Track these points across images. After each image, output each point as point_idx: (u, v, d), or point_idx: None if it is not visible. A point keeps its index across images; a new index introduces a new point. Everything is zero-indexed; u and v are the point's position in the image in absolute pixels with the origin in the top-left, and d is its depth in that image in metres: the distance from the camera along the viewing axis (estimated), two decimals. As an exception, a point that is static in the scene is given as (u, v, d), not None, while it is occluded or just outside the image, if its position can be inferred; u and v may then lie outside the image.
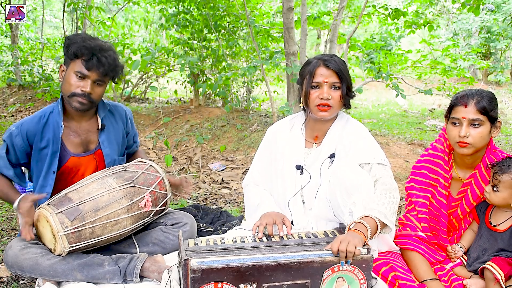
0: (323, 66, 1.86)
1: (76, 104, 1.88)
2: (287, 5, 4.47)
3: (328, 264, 1.55)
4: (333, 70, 1.85)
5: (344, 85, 1.87)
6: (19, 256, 1.74)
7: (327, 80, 1.85)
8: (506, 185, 1.75)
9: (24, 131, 1.91)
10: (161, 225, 2.07)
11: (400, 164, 3.98)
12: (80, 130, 2.00)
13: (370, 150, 1.90)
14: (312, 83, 1.87)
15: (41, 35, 8.40)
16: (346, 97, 1.89)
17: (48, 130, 1.93)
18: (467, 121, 1.75)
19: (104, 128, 2.03)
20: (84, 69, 1.85)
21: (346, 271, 1.56)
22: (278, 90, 7.96)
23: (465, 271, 1.85)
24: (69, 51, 1.87)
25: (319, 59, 1.89)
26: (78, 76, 1.87)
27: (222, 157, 4.59)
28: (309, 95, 1.88)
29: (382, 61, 6.93)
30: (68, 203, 1.73)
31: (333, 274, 1.55)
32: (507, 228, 1.80)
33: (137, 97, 8.39)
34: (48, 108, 1.98)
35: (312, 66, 1.88)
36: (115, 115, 2.11)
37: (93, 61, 1.84)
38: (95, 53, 1.85)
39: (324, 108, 1.87)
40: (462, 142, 1.76)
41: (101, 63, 1.86)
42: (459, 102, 1.78)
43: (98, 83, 1.91)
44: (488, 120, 1.75)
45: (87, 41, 1.86)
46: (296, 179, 1.97)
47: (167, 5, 6.17)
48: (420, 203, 1.91)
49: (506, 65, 12.18)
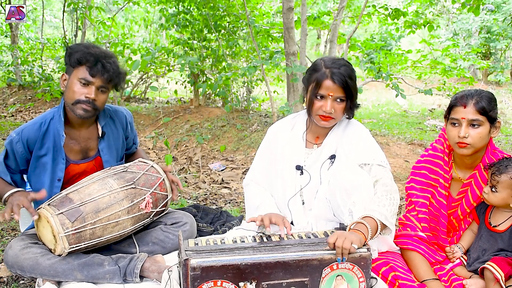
0: (330, 79, 1.82)
1: (80, 111, 1.87)
2: (287, 5, 4.47)
3: (327, 262, 1.55)
4: (340, 86, 1.82)
5: (348, 99, 1.87)
6: (19, 256, 1.74)
7: (332, 94, 1.83)
8: (504, 185, 1.75)
9: (25, 138, 1.90)
10: (161, 224, 2.07)
11: (400, 164, 3.98)
12: (80, 138, 1.99)
13: (370, 151, 1.90)
14: (317, 93, 1.85)
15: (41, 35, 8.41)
16: (349, 110, 1.90)
17: (48, 137, 1.92)
18: (466, 122, 1.75)
19: (104, 136, 2.03)
20: (89, 75, 1.85)
21: (345, 269, 1.57)
22: (278, 90, 7.97)
23: (465, 271, 1.85)
24: (72, 58, 1.86)
25: (328, 68, 1.84)
26: (82, 83, 1.86)
27: (222, 157, 4.59)
28: (313, 104, 1.88)
29: (382, 61, 6.93)
30: (69, 204, 1.73)
31: (332, 272, 1.56)
32: (507, 228, 1.80)
33: (137, 97, 8.39)
34: (48, 114, 1.96)
35: (320, 76, 1.84)
36: (115, 121, 2.11)
37: (97, 67, 1.84)
38: (100, 59, 1.85)
39: (326, 118, 1.87)
40: (462, 143, 1.76)
41: (105, 69, 1.86)
42: (458, 103, 1.77)
43: (102, 90, 1.90)
44: (487, 121, 1.75)
45: (91, 49, 1.88)
46: (296, 179, 1.98)
47: (167, 5, 6.17)
48: (420, 203, 1.91)
49: (506, 65, 12.18)
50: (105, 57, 1.88)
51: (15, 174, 1.96)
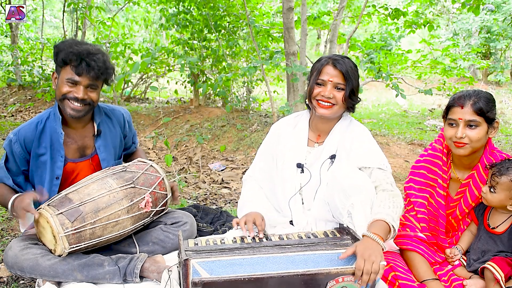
0: (331, 65, 1.88)
1: (70, 111, 1.87)
2: (287, 5, 4.47)
3: (333, 275, 1.53)
4: (340, 71, 1.86)
5: (348, 87, 1.87)
6: (19, 257, 1.74)
7: (332, 79, 1.86)
8: (504, 187, 1.74)
9: (22, 138, 1.90)
10: (161, 224, 2.07)
11: (400, 164, 3.98)
12: (76, 136, 1.99)
13: (372, 154, 1.89)
14: (318, 80, 1.89)
15: (41, 35, 8.40)
16: (349, 100, 1.89)
17: (45, 136, 1.92)
18: (463, 122, 1.75)
19: (100, 134, 2.03)
20: (75, 75, 1.83)
21: (351, 282, 1.54)
22: (278, 90, 7.97)
23: (465, 272, 1.85)
24: (58, 58, 1.85)
25: (330, 57, 1.92)
26: (70, 83, 1.85)
27: (222, 157, 4.59)
28: (313, 90, 1.90)
29: (382, 61, 6.93)
30: (69, 204, 1.74)
31: (337, 284, 1.54)
32: (505, 230, 1.80)
33: (137, 97, 8.39)
34: (44, 114, 1.97)
35: (320, 64, 1.91)
36: (112, 119, 2.10)
37: (82, 66, 1.82)
38: (83, 57, 1.82)
39: (324, 105, 1.88)
40: (459, 143, 1.76)
41: (90, 67, 1.83)
42: (456, 103, 1.78)
43: (91, 87, 1.89)
44: (485, 121, 1.74)
45: (74, 47, 1.84)
46: (296, 177, 1.98)
47: (167, 5, 6.17)
48: (419, 203, 1.91)
49: (506, 65, 12.18)
50: (88, 54, 1.84)
51: (18, 177, 1.96)
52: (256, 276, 1.49)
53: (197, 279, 1.46)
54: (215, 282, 1.47)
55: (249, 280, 1.49)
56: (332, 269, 1.53)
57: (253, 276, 1.49)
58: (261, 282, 1.50)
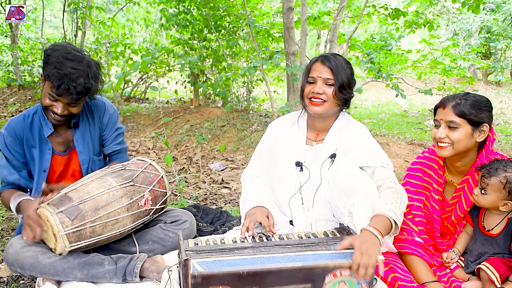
0: (319, 62, 1.91)
1: (51, 119, 1.91)
2: (287, 5, 4.47)
3: (331, 269, 1.53)
4: (328, 66, 1.88)
5: (337, 82, 1.87)
6: (20, 254, 1.74)
7: (321, 75, 1.88)
8: (494, 188, 1.73)
9: (12, 130, 1.95)
10: (160, 223, 2.07)
11: (400, 164, 3.98)
12: (60, 130, 2.03)
13: (373, 153, 1.89)
14: (308, 78, 1.92)
15: (41, 35, 8.38)
16: (339, 95, 1.88)
17: (34, 129, 1.97)
18: (444, 123, 1.76)
19: (77, 127, 2.04)
20: (55, 93, 1.82)
21: (348, 277, 1.54)
22: (278, 90, 7.97)
23: (463, 274, 1.84)
24: (44, 69, 1.82)
25: (320, 56, 1.95)
26: (51, 98, 1.84)
27: (222, 157, 4.59)
28: (304, 89, 1.93)
29: (382, 61, 6.93)
30: (68, 203, 1.74)
31: (335, 278, 1.54)
32: (500, 232, 1.78)
33: (137, 97, 8.39)
34: (32, 109, 2.01)
35: (310, 62, 1.95)
36: (94, 113, 2.09)
37: (62, 88, 1.79)
38: (64, 81, 1.77)
39: (316, 102, 1.89)
40: (441, 142, 1.77)
41: (69, 91, 1.79)
42: (440, 104, 1.80)
43: (71, 104, 1.87)
44: (467, 123, 1.73)
45: (59, 65, 1.77)
46: (295, 176, 1.97)
47: (168, 5, 6.17)
48: (415, 206, 1.90)
49: (506, 65, 12.19)
50: (70, 79, 1.77)
51: (22, 171, 1.99)
52: (255, 270, 1.50)
53: (196, 272, 1.46)
54: (214, 275, 1.47)
55: (248, 273, 1.49)
56: (330, 262, 1.53)
57: (252, 270, 1.49)
58: (260, 276, 1.50)
